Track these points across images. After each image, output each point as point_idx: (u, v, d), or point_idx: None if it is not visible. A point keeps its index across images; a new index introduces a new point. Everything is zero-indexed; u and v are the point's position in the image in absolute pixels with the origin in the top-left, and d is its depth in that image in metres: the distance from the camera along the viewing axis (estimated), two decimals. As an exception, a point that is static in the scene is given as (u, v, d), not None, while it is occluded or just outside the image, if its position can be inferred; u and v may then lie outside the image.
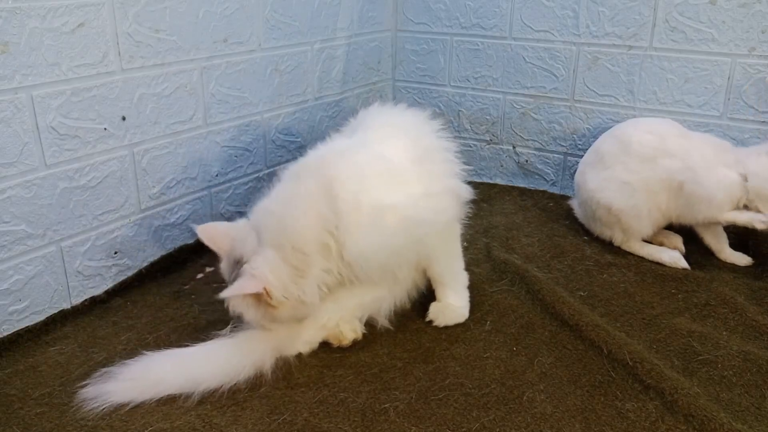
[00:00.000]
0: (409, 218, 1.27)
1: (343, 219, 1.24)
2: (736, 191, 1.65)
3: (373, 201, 1.26)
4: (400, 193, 1.28)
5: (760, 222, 1.63)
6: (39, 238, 1.43)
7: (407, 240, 1.28)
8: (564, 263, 1.73)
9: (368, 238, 1.25)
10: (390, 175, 1.31)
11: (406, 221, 1.27)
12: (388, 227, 1.26)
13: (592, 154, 1.87)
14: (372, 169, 1.30)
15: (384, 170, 1.31)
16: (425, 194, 1.31)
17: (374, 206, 1.26)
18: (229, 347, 1.28)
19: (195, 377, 1.22)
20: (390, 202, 1.27)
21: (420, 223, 1.29)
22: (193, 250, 1.77)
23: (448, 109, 2.39)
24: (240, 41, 1.80)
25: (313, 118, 2.12)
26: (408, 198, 1.28)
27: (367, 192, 1.26)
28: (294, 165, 1.36)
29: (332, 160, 1.31)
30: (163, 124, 1.64)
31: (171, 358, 1.26)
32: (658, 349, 1.36)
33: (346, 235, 1.24)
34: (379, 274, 1.31)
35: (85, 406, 1.18)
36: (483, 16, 2.22)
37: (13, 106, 1.33)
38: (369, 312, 1.41)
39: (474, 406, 1.20)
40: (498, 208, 2.12)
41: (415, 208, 1.29)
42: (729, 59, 1.88)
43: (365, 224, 1.24)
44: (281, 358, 1.31)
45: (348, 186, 1.26)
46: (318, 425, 1.15)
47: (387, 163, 1.32)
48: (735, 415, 1.17)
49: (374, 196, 1.26)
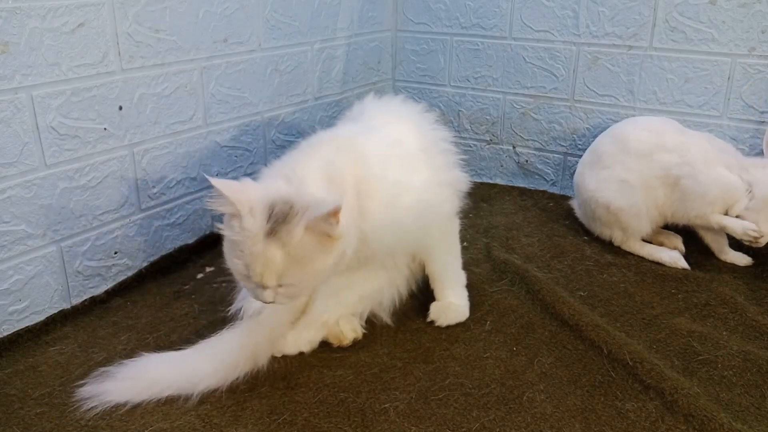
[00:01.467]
0: (421, 201, 1.29)
1: (369, 189, 1.23)
2: (731, 193, 1.64)
3: (395, 180, 1.27)
4: (415, 177, 1.31)
5: (748, 234, 1.63)
6: (39, 238, 1.43)
7: (415, 223, 1.30)
8: (564, 263, 1.73)
9: (386, 212, 1.25)
10: (407, 159, 1.33)
11: (419, 204, 1.29)
12: (403, 207, 1.27)
13: (590, 154, 1.87)
14: (392, 152, 1.31)
15: (401, 153, 1.33)
16: (434, 181, 1.33)
17: (395, 184, 1.27)
18: (226, 344, 1.27)
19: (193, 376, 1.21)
20: (408, 183, 1.29)
21: (429, 208, 1.31)
22: (193, 250, 1.77)
23: (448, 109, 2.39)
24: (240, 41, 1.80)
25: (313, 118, 2.12)
26: (421, 183, 1.31)
27: (389, 170, 1.27)
28: (310, 139, 1.33)
29: (357, 136, 1.32)
30: (163, 124, 1.64)
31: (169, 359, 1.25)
32: (658, 349, 1.36)
33: (368, 204, 1.23)
34: (384, 255, 1.32)
35: (84, 406, 1.18)
36: (483, 16, 2.22)
37: (13, 106, 1.33)
38: (370, 306, 1.41)
39: (474, 406, 1.20)
40: (498, 208, 2.12)
41: (426, 192, 1.31)
42: (729, 59, 1.88)
43: (386, 199, 1.25)
44: (280, 358, 1.31)
45: (375, 161, 1.26)
46: (318, 425, 1.15)
47: (403, 148, 1.34)
48: (735, 415, 1.17)
49: (395, 175, 1.28)
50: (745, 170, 1.66)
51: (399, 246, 1.34)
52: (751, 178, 1.65)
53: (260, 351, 1.27)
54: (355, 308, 1.39)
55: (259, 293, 1.13)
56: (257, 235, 1.08)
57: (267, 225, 1.08)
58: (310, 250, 1.10)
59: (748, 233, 1.63)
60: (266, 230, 1.08)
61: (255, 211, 1.10)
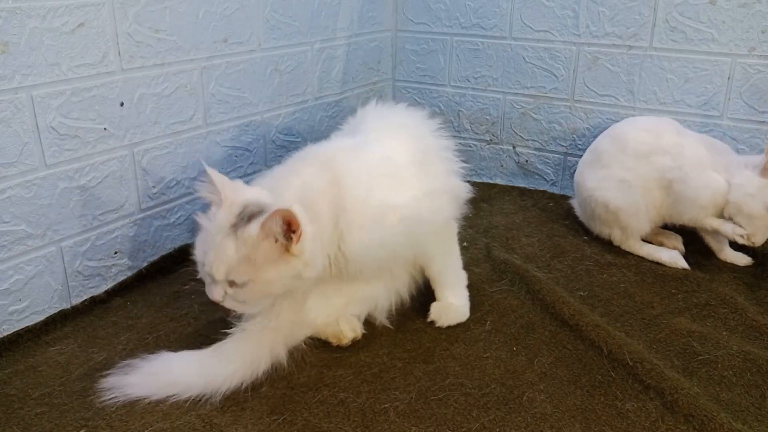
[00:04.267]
0: (409, 218, 1.29)
1: (348, 213, 1.24)
2: (720, 198, 1.65)
3: (378, 201, 1.27)
4: (403, 194, 1.30)
5: (740, 237, 1.63)
6: (39, 238, 1.43)
7: (406, 239, 1.30)
8: (564, 263, 1.73)
9: (369, 235, 1.26)
10: (394, 176, 1.32)
11: (407, 221, 1.28)
12: (388, 226, 1.27)
13: (590, 153, 1.87)
14: (378, 170, 1.31)
15: (388, 171, 1.32)
16: (425, 194, 1.32)
17: (378, 206, 1.27)
18: (243, 342, 1.28)
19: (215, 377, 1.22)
20: (393, 202, 1.28)
21: (419, 222, 1.31)
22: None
23: (448, 109, 2.39)
24: (240, 41, 1.80)
25: (313, 118, 2.12)
26: (409, 199, 1.30)
27: (372, 191, 1.27)
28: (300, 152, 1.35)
29: (341, 155, 1.32)
30: (163, 124, 1.64)
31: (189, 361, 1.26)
32: (658, 349, 1.36)
33: (347, 229, 1.24)
34: (373, 270, 1.32)
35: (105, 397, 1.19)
36: (483, 16, 2.22)
37: (13, 106, 1.33)
38: (363, 310, 1.41)
39: (474, 406, 1.20)
40: (498, 208, 2.12)
41: (415, 208, 1.30)
42: (729, 59, 1.88)
43: (368, 222, 1.25)
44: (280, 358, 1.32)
45: (356, 183, 1.26)
46: (318, 425, 1.15)
47: (391, 165, 1.33)
48: (735, 415, 1.17)
49: (379, 196, 1.28)
50: (728, 172, 1.65)
51: (391, 260, 1.34)
52: (731, 180, 1.64)
53: (277, 346, 1.29)
54: (343, 311, 1.39)
55: (211, 288, 1.18)
56: (223, 227, 1.15)
57: (234, 219, 1.15)
58: (264, 256, 1.14)
59: (736, 236, 1.64)
60: (231, 224, 1.15)
61: (233, 205, 1.17)
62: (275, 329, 1.29)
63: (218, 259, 1.14)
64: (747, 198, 1.61)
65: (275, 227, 1.12)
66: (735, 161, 1.67)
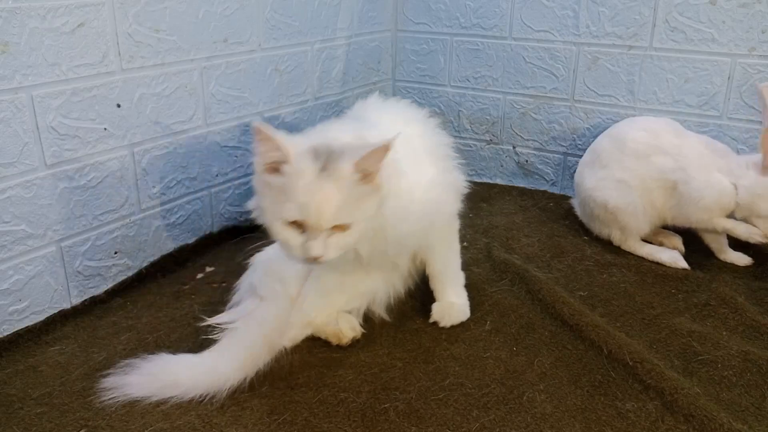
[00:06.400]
0: (429, 200, 1.30)
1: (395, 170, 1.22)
2: (726, 199, 1.64)
3: (411, 174, 1.28)
4: (424, 174, 1.32)
5: (752, 237, 1.64)
6: (39, 238, 1.43)
7: (420, 222, 1.30)
8: (564, 263, 1.73)
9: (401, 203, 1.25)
10: (415, 159, 1.33)
11: (427, 201, 1.30)
12: (414, 201, 1.28)
13: (589, 153, 1.87)
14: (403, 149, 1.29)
15: (410, 151, 1.32)
16: (439, 183, 1.34)
17: (411, 179, 1.28)
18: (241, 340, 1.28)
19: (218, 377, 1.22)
20: (418, 179, 1.30)
21: (435, 205, 1.32)
22: (193, 250, 1.77)
23: (448, 109, 2.39)
24: (240, 41, 1.80)
25: (313, 118, 2.12)
26: (429, 181, 1.32)
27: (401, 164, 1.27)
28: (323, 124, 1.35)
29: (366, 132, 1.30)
30: (163, 124, 1.64)
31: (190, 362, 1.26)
32: (658, 349, 1.36)
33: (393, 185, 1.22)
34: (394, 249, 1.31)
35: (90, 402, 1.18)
36: (483, 16, 2.22)
37: (13, 106, 1.33)
38: (363, 304, 1.42)
39: (474, 406, 1.20)
40: (498, 208, 2.12)
41: (432, 191, 1.32)
42: (729, 59, 1.88)
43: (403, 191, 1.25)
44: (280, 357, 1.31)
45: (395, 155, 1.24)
46: (318, 425, 1.15)
47: (411, 148, 1.34)
48: (735, 415, 1.17)
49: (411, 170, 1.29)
50: (732, 173, 1.65)
51: (407, 241, 1.34)
52: (736, 181, 1.64)
53: (274, 339, 1.29)
54: (345, 308, 1.40)
55: (309, 246, 1.12)
56: (312, 173, 1.10)
57: (319, 163, 1.11)
58: (359, 189, 1.12)
59: (752, 236, 1.64)
60: (319, 167, 1.11)
61: (304, 153, 1.13)
62: (274, 328, 1.29)
63: (323, 204, 1.10)
64: (757, 199, 1.61)
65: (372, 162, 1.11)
66: (736, 162, 1.67)
